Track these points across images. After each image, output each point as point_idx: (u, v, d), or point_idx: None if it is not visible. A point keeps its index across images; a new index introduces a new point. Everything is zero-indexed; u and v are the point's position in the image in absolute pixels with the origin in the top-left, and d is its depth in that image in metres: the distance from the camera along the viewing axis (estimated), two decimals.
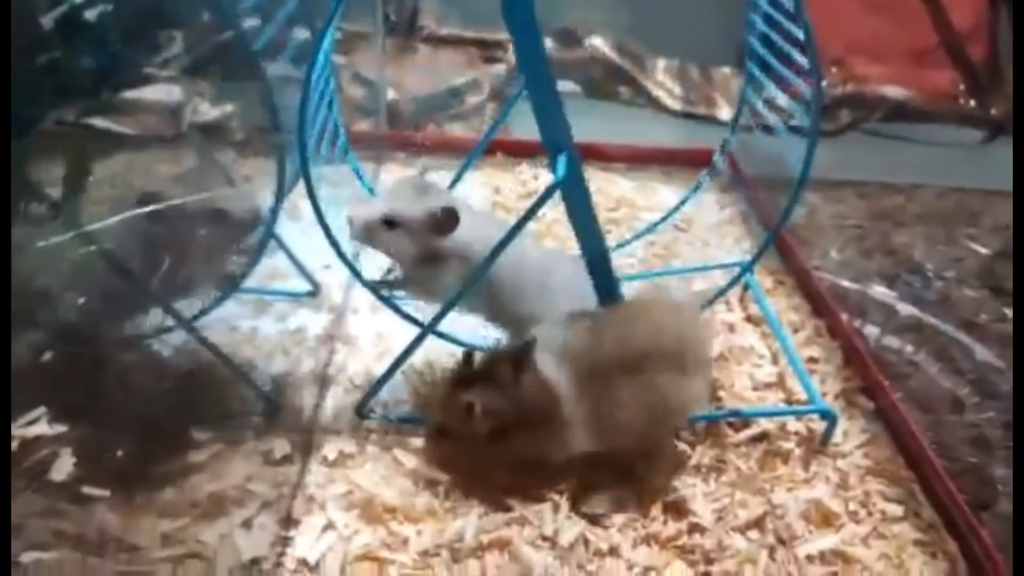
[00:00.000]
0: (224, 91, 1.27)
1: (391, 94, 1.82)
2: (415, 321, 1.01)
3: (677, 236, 1.47)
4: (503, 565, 0.84)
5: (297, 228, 1.14)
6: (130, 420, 0.94)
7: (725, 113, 2.04)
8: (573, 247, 0.97)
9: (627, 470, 0.94)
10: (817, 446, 1.02)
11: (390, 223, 0.89)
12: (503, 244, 0.87)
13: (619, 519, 0.90)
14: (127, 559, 0.80)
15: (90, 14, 0.94)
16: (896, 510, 0.95)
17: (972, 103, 2.07)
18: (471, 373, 0.89)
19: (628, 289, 0.99)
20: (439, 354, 1.09)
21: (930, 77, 2.08)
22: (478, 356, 0.91)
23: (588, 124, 1.12)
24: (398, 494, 0.91)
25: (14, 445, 0.89)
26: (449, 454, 0.94)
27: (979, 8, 2.10)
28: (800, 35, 0.89)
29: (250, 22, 0.93)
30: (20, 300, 0.89)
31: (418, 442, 0.97)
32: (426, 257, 0.92)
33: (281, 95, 0.95)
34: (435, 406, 0.93)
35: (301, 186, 0.90)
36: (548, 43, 2.10)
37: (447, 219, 0.89)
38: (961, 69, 2.06)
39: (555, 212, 1.46)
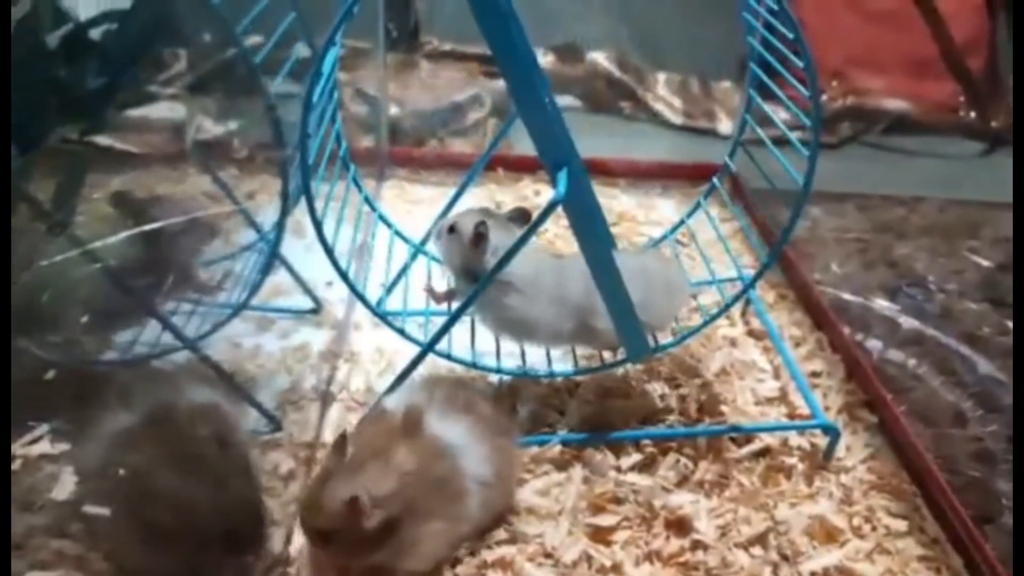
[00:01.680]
0: (227, 108, 1.27)
1: (393, 110, 1.83)
2: (415, 340, 1.01)
3: (678, 250, 1.47)
4: None
5: (300, 245, 1.15)
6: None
7: (726, 127, 2.04)
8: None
9: None
10: (820, 461, 1.02)
11: (451, 229, 0.98)
12: (507, 258, 0.89)
13: (622, 536, 0.90)
14: None
15: (94, 33, 0.94)
16: (900, 525, 0.95)
17: (972, 115, 2.08)
18: (347, 461, 0.77)
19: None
20: (440, 372, 1.09)
21: (930, 89, 2.09)
22: (353, 438, 0.80)
23: (589, 139, 1.13)
24: None
25: (16, 464, 0.90)
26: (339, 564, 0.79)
27: (978, 19, 2.11)
28: (797, 50, 0.89)
29: (252, 40, 0.94)
30: (22, 316, 0.90)
31: None
32: (469, 270, 0.97)
33: (284, 112, 0.96)
34: (313, 508, 0.76)
35: (303, 202, 0.90)
36: (549, 59, 2.13)
37: (484, 230, 0.95)
38: (961, 81, 2.06)
39: (556, 227, 1.47)
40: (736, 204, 1.63)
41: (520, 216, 1.02)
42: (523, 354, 1.08)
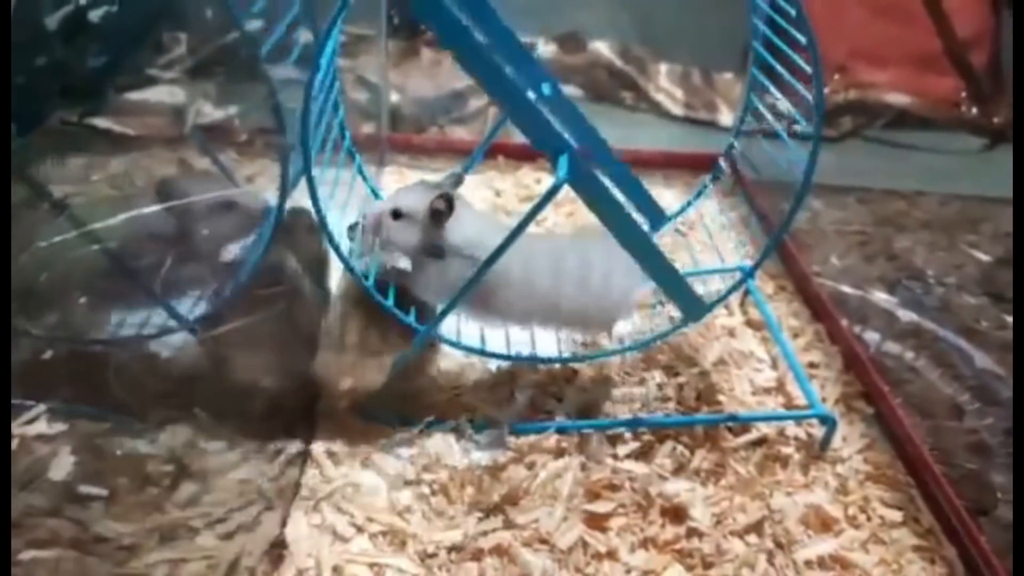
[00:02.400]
0: (228, 93, 1.27)
1: (394, 97, 1.82)
2: (412, 324, 1.01)
3: (678, 240, 1.47)
4: (501, 568, 0.85)
5: None
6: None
7: (727, 118, 2.04)
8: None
9: None
10: (816, 451, 1.02)
11: (396, 214, 0.94)
12: (505, 245, 0.88)
13: (617, 523, 0.91)
14: (124, 558, 0.80)
15: (94, 15, 0.94)
16: (895, 515, 0.95)
17: (974, 110, 2.07)
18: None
19: None
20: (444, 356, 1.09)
21: (933, 84, 2.08)
22: None
23: None
24: (397, 497, 0.91)
25: (14, 444, 0.89)
26: None
27: (982, 15, 2.10)
28: (803, 40, 0.89)
29: (254, 24, 0.94)
30: (22, 298, 0.90)
31: (417, 446, 0.98)
32: (430, 249, 0.95)
33: (286, 97, 0.95)
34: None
35: (303, 186, 0.90)
36: (551, 48, 2.13)
37: (444, 206, 0.92)
38: (964, 76, 2.06)
39: (556, 215, 1.47)
40: (736, 195, 1.63)
41: (456, 181, 1.00)
42: (508, 339, 1.07)
